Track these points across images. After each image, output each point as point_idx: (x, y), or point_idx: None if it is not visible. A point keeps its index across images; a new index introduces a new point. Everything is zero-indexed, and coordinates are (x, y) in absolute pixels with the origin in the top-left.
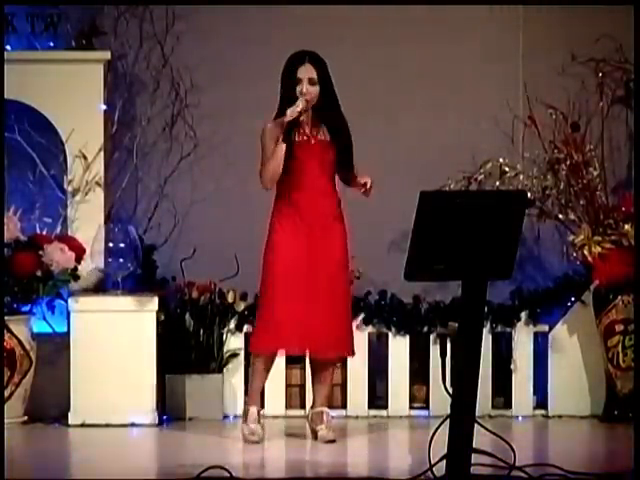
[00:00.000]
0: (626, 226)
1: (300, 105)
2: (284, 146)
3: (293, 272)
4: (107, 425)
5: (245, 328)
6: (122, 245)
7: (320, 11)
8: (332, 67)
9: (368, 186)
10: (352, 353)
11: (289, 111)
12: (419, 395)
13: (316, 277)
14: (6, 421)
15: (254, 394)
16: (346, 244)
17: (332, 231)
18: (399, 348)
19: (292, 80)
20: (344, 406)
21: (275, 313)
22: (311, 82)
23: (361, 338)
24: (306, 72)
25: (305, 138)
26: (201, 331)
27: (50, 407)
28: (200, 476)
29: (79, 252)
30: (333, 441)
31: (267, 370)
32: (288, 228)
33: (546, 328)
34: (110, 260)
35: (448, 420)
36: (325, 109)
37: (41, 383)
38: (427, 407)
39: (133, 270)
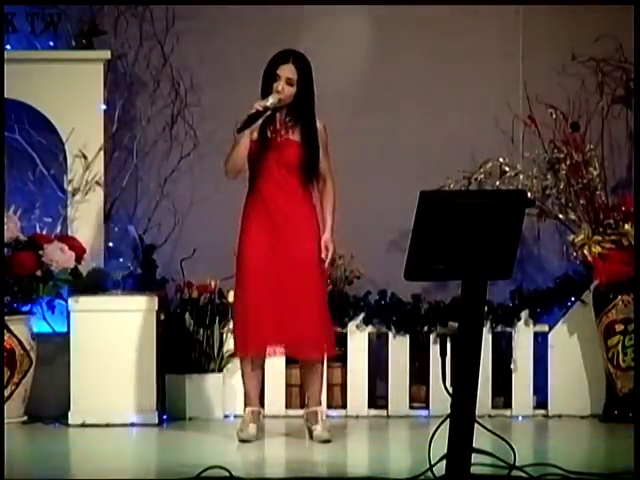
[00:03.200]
0: (626, 226)
1: (270, 100)
2: (245, 137)
3: (263, 271)
4: (107, 425)
5: None
6: (122, 245)
7: (320, 11)
8: (331, 66)
9: (329, 257)
10: (333, 351)
11: (256, 104)
12: (419, 395)
13: (287, 274)
14: (6, 421)
15: (248, 395)
16: (317, 241)
17: (301, 229)
18: (399, 348)
19: (271, 76)
20: (344, 406)
21: (251, 314)
22: (289, 82)
23: (361, 338)
24: (286, 71)
25: (274, 135)
26: (201, 331)
27: (50, 407)
28: (200, 476)
29: (79, 252)
30: (328, 441)
31: (257, 370)
32: (257, 227)
33: (546, 328)
34: (110, 260)
35: (448, 420)
36: (299, 110)
37: (41, 383)
38: (427, 407)
39: (133, 270)
